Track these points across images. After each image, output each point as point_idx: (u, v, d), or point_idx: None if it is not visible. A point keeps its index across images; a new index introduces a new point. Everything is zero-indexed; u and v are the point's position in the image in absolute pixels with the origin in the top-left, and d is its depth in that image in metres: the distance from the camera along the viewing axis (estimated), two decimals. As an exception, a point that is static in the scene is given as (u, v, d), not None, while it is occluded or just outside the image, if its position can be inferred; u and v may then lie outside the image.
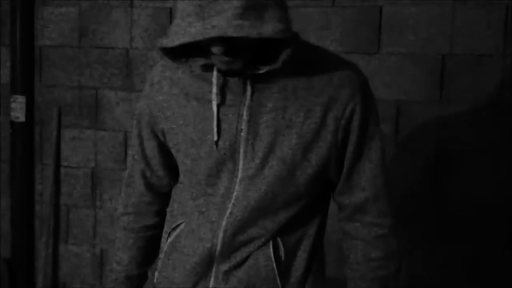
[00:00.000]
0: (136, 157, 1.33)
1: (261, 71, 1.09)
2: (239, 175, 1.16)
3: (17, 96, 2.77)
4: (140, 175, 1.34)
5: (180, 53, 1.11)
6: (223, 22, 0.96)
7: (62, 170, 2.83)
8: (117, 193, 2.74)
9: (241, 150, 1.15)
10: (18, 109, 2.78)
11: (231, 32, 0.96)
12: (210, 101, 1.16)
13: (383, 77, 2.34)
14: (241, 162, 1.16)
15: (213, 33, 0.96)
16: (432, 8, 2.26)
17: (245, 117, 1.14)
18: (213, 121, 1.16)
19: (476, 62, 2.23)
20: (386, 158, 1.23)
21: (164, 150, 1.29)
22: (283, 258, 1.20)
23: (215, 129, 1.15)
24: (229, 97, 1.15)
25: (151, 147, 1.30)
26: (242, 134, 1.15)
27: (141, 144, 1.31)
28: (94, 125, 2.76)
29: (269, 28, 0.98)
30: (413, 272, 2.36)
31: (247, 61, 1.08)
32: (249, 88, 1.13)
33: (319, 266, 1.28)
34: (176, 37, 1.00)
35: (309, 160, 1.15)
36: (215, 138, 1.16)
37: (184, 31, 0.99)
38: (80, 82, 2.78)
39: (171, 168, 1.32)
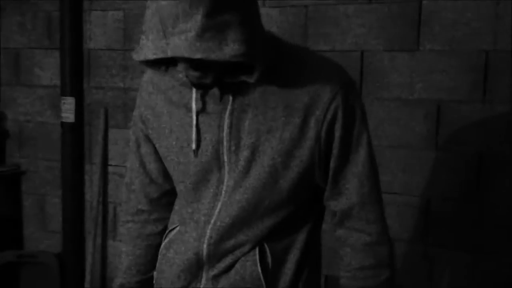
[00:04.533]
0: (133, 164, 1.34)
1: (239, 80, 1.08)
2: (225, 182, 1.16)
3: (67, 97, 2.87)
4: (139, 183, 1.34)
5: (160, 61, 1.11)
6: (182, 43, 0.96)
7: (110, 169, 2.92)
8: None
9: (225, 158, 1.15)
10: (67, 110, 2.87)
11: (188, 54, 0.95)
12: (191, 109, 1.17)
13: (423, 75, 2.27)
14: (226, 170, 1.16)
15: (172, 53, 0.96)
16: (475, 2, 2.16)
17: (226, 124, 1.13)
18: (193, 130, 1.16)
19: (522, 60, 2.11)
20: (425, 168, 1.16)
21: (160, 157, 1.30)
22: (270, 264, 1.19)
23: (193, 138, 1.16)
24: (210, 104, 1.15)
25: (147, 153, 1.31)
26: (225, 141, 1.14)
27: (138, 151, 1.32)
28: (138, 125, 2.82)
29: (228, 51, 0.97)
30: (445, 279, 2.27)
31: (222, 72, 1.07)
32: (230, 96, 1.13)
33: (311, 272, 1.26)
34: (142, 52, 1.01)
35: (291, 165, 1.13)
36: (193, 147, 1.16)
37: (148, 47, 1.00)
38: (125, 83, 2.85)
39: (170, 176, 1.31)
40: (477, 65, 2.17)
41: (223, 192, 1.17)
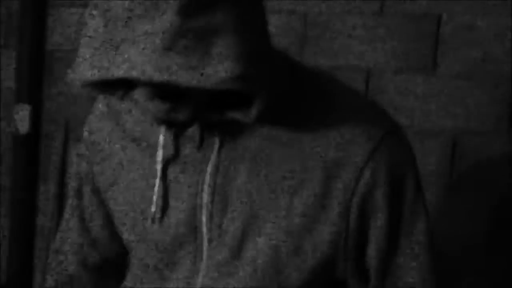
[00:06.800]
0: (68, 220, 1.00)
1: (228, 118, 0.74)
2: (203, 267, 0.82)
3: (22, 104, 2.56)
4: (72, 244, 1.00)
5: (115, 83, 0.77)
6: (139, 57, 0.63)
7: (67, 190, 2.60)
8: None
9: (204, 231, 0.81)
10: (22, 119, 2.56)
11: (148, 75, 0.62)
12: (157, 154, 0.84)
13: (439, 101, 1.99)
14: (205, 249, 0.82)
15: (121, 72, 0.64)
16: (503, 21, 1.90)
17: (208, 181, 0.80)
18: (155, 188, 0.82)
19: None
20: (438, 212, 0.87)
21: (107, 212, 0.96)
22: None
23: (154, 197, 0.82)
24: (186, 149, 0.82)
25: (89, 206, 0.98)
26: (204, 207, 0.80)
27: (77, 202, 0.99)
28: (103, 141, 2.50)
29: (213, 72, 0.62)
30: None
31: (203, 104, 0.73)
32: (216, 140, 0.79)
33: None
34: (78, 70, 0.69)
35: (303, 250, 0.79)
36: (153, 209, 0.82)
37: (87, 63, 0.68)
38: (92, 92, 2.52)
39: (120, 239, 0.97)
40: (502, 93, 1.91)
41: (199, 280, 0.82)
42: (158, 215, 0.81)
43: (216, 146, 0.79)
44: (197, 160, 0.80)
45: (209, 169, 0.79)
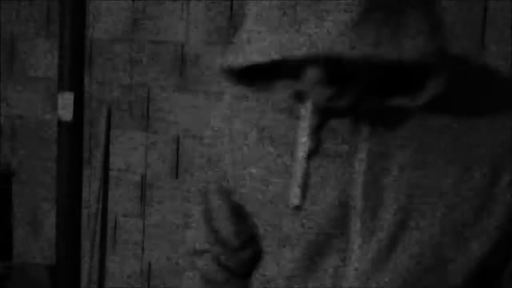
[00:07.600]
0: (199, 219, 0.95)
1: (388, 105, 0.70)
2: (353, 261, 0.77)
3: (65, 92, 2.55)
4: (204, 243, 0.96)
5: (254, 73, 0.74)
6: (328, 34, 0.58)
7: (111, 173, 2.61)
8: (166, 204, 2.48)
9: (357, 225, 0.76)
10: (65, 106, 2.56)
11: (341, 49, 0.58)
12: (297, 148, 0.79)
13: None
14: (357, 243, 0.77)
15: (309, 50, 0.59)
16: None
17: (361, 173, 0.75)
18: (296, 177, 0.77)
19: None
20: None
21: (239, 212, 0.90)
22: None
23: (297, 190, 0.77)
24: (330, 142, 0.76)
25: (218, 206, 0.92)
26: (357, 200, 0.76)
27: (208, 202, 0.93)
28: (145, 127, 2.51)
29: (412, 46, 0.60)
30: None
31: (366, 89, 0.70)
32: (365, 130, 0.74)
33: None
34: (245, 52, 0.63)
35: (468, 246, 0.75)
36: (295, 203, 0.77)
37: (259, 42, 0.62)
38: (132, 79, 2.52)
39: (252, 240, 0.91)
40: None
41: (350, 272, 0.78)
42: (297, 203, 0.77)
43: (366, 136, 0.74)
44: (342, 152, 0.75)
45: (361, 160, 0.74)
